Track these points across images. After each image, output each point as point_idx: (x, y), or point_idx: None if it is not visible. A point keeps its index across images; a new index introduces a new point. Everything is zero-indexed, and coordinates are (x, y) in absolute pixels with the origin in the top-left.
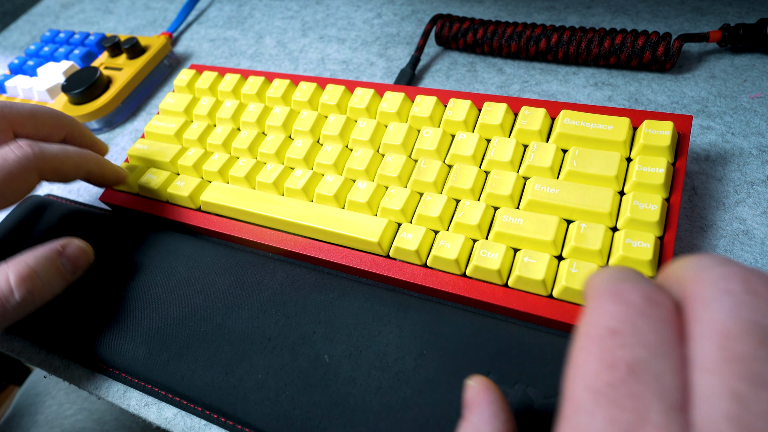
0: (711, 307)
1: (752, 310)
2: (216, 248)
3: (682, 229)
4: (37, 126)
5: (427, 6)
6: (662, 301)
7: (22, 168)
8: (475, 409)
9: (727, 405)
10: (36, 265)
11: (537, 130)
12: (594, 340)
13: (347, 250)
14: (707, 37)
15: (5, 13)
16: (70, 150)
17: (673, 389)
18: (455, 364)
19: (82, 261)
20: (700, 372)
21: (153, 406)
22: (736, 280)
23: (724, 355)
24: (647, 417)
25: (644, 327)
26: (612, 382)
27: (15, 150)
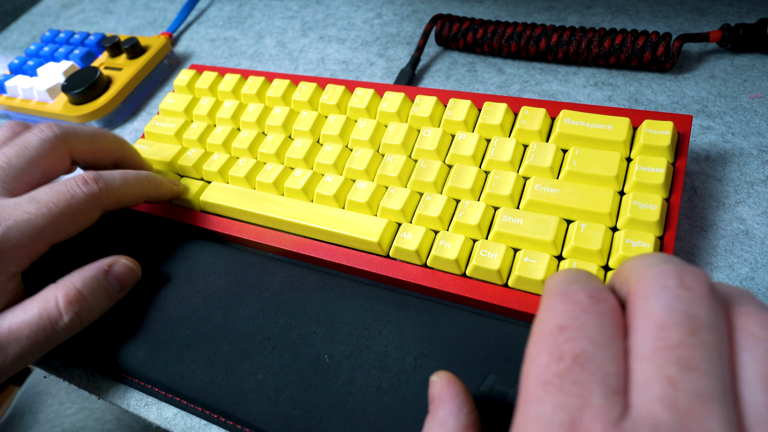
0: (649, 301)
1: (685, 303)
2: (216, 248)
3: (682, 229)
4: (94, 152)
5: (427, 6)
6: (605, 299)
7: (89, 205)
8: (439, 404)
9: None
10: (83, 287)
11: (537, 130)
12: (545, 336)
13: (347, 250)
14: (707, 37)
15: (5, 13)
16: (130, 179)
17: (613, 376)
18: (455, 364)
19: (129, 280)
20: (639, 360)
21: (153, 406)
22: (671, 276)
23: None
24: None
25: (588, 322)
26: (559, 372)
27: (83, 186)
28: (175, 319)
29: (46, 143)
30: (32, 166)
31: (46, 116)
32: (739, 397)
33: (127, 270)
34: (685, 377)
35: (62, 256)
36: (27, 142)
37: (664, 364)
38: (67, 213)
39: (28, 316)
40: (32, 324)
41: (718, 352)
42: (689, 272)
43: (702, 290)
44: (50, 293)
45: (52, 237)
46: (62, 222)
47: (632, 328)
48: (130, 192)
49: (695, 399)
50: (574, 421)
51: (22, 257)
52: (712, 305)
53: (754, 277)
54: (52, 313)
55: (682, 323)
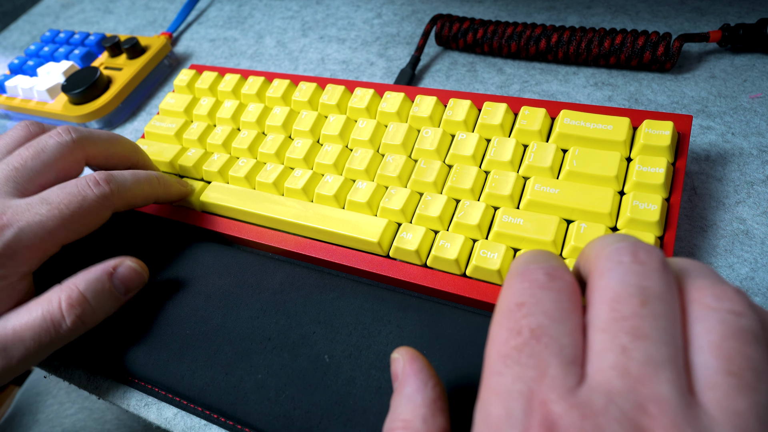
0: (605, 276)
1: (637, 276)
2: (216, 248)
3: (682, 229)
4: (109, 157)
5: (427, 6)
6: (561, 277)
7: (100, 206)
8: (405, 381)
9: (614, 356)
10: (86, 290)
11: (537, 130)
12: (504, 314)
13: (347, 250)
14: (707, 37)
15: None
16: (141, 179)
17: (569, 347)
18: (455, 363)
19: (135, 282)
20: (595, 331)
21: (153, 406)
22: (626, 252)
23: (613, 315)
24: (546, 372)
25: (545, 298)
26: (517, 345)
27: (94, 187)
28: (175, 319)
29: (63, 147)
30: (47, 168)
31: (46, 116)
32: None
33: (132, 272)
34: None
35: (66, 257)
36: (44, 144)
37: (617, 334)
38: (78, 214)
39: (31, 318)
40: (36, 326)
41: (669, 321)
42: (643, 249)
43: (654, 264)
44: (54, 295)
45: (63, 238)
46: (73, 223)
47: (590, 302)
48: (141, 193)
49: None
50: (532, 391)
51: (33, 258)
52: (663, 278)
53: (754, 277)
54: (55, 315)
55: (634, 295)
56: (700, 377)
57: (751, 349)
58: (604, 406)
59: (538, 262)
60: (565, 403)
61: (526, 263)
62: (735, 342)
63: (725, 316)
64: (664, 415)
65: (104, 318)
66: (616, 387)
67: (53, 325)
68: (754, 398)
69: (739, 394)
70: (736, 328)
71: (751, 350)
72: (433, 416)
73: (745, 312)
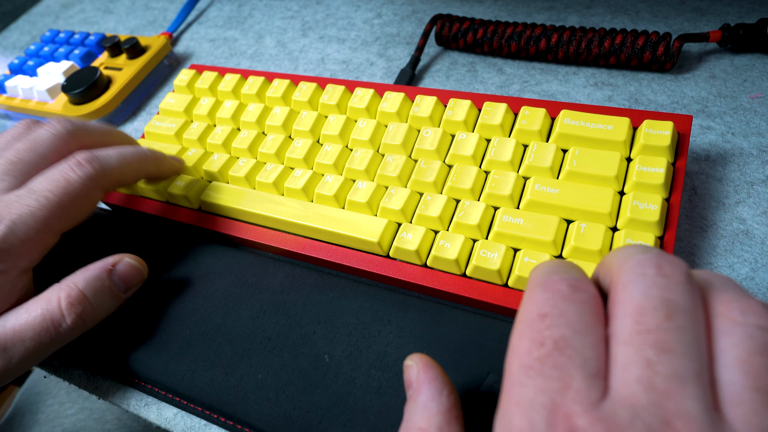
0: (628, 289)
1: (662, 289)
2: (216, 248)
3: (682, 229)
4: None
5: (427, 6)
6: (585, 288)
7: (87, 188)
8: (419, 389)
9: (639, 370)
10: (86, 288)
11: (537, 130)
12: (527, 324)
13: (347, 250)
14: (707, 37)
15: (5, 13)
16: (128, 155)
17: (592, 360)
18: (455, 364)
19: (134, 279)
20: (619, 344)
21: (153, 406)
22: (650, 265)
23: (637, 328)
24: (570, 384)
25: (568, 310)
26: (540, 357)
27: (77, 169)
28: (175, 319)
29: (57, 138)
30: (42, 160)
31: (46, 116)
32: (716, 379)
33: (131, 269)
34: (662, 359)
35: (66, 257)
36: (38, 137)
37: (642, 347)
38: (65, 200)
39: (31, 317)
40: (36, 325)
41: (694, 335)
42: (667, 261)
43: (679, 277)
44: (53, 294)
45: (58, 226)
46: (63, 209)
47: (613, 314)
48: (129, 170)
49: (672, 380)
50: (555, 403)
51: (33, 251)
52: (688, 291)
53: (754, 277)
54: (54, 314)
55: (659, 308)
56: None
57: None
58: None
59: (560, 273)
60: (589, 417)
61: (548, 273)
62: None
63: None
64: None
65: (105, 316)
66: (641, 401)
67: (53, 325)
68: None
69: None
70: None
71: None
72: (448, 425)
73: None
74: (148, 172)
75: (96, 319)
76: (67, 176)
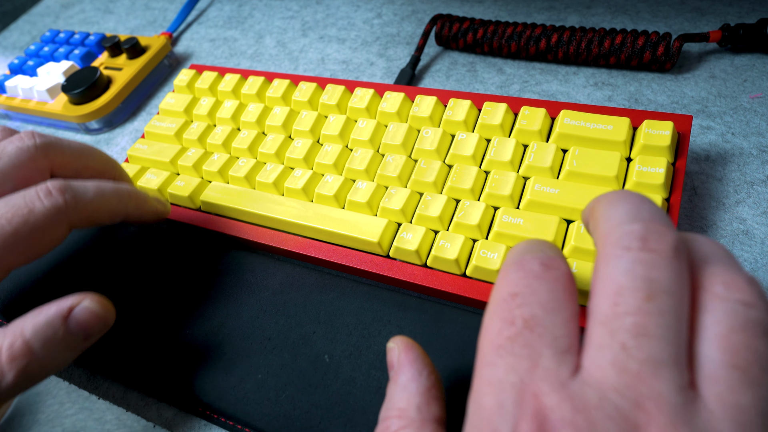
0: (610, 265)
1: (645, 267)
2: (216, 248)
3: (682, 229)
4: (79, 170)
5: (427, 6)
6: (557, 266)
7: (51, 221)
8: (400, 370)
9: (612, 353)
10: (33, 337)
11: (537, 130)
12: (498, 304)
13: (347, 250)
14: (707, 37)
15: (5, 13)
16: (107, 191)
17: (563, 338)
18: (455, 363)
19: (95, 327)
20: (596, 324)
21: (153, 406)
22: (635, 237)
23: (615, 310)
24: (539, 362)
25: (539, 288)
26: (510, 336)
27: (45, 199)
28: (174, 319)
29: (23, 153)
30: (3, 178)
31: (46, 116)
32: (696, 356)
33: (90, 316)
34: (638, 343)
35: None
36: (2, 149)
37: (618, 331)
38: (22, 231)
39: None
40: None
41: (675, 317)
42: (654, 233)
43: (666, 252)
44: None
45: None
46: (16, 242)
47: (593, 290)
48: (105, 207)
49: (646, 364)
50: (524, 382)
51: None
52: (674, 268)
53: (754, 277)
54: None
55: (640, 288)
56: (703, 370)
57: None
58: (597, 401)
59: (534, 252)
60: (557, 395)
61: (522, 253)
62: (743, 335)
63: (735, 307)
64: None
65: (59, 369)
66: (612, 383)
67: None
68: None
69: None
70: (744, 320)
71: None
72: (427, 405)
73: (755, 303)
74: (127, 214)
75: (45, 373)
76: (31, 204)
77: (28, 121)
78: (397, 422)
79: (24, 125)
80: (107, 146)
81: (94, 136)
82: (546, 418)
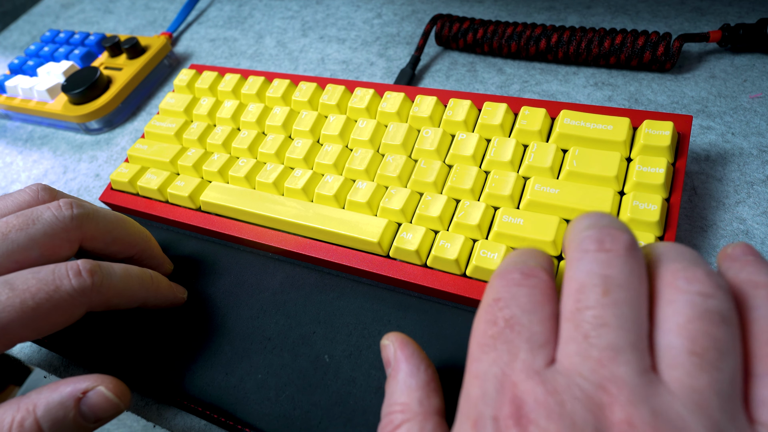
0: (572, 267)
1: (601, 266)
2: (216, 248)
3: (682, 229)
4: (109, 243)
5: (427, 6)
6: (536, 274)
7: (74, 302)
8: (397, 366)
9: (577, 344)
10: (44, 417)
11: (537, 130)
12: (484, 308)
13: (347, 250)
14: (707, 37)
15: (5, 13)
16: (133, 277)
17: (539, 334)
18: (455, 364)
19: (108, 412)
20: (564, 321)
21: (153, 406)
22: (592, 241)
23: (577, 306)
24: (518, 355)
25: (519, 293)
26: (493, 335)
27: (73, 278)
28: (174, 319)
29: (58, 223)
30: (32, 244)
31: (46, 116)
32: (657, 345)
33: (104, 402)
34: (599, 333)
35: None
36: (37, 216)
37: (581, 324)
38: (44, 308)
39: None
40: None
41: (631, 307)
42: (609, 235)
43: (620, 251)
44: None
45: (17, 336)
46: (35, 319)
47: (562, 292)
48: (127, 294)
49: (606, 350)
50: (504, 373)
51: None
52: (628, 264)
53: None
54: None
55: (597, 285)
56: (664, 357)
57: (717, 329)
58: (566, 384)
59: (517, 263)
60: (531, 382)
61: (506, 265)
62: (701, 323)
63: (694, 298)
64: (621, 393)
65: None
66: (579, 369)
67: None
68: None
69: (701, 372)
70: (702, 309)
71: (717, 330)
72: (428, 398)
73: (713, 293)
74: (146, 300)
75: None
76: (59, 282)
77: (28, 121)
78: (400, 416)
79: (24, 125)
80: (107, 146)
81: (94, 136)
82: (522, 401)
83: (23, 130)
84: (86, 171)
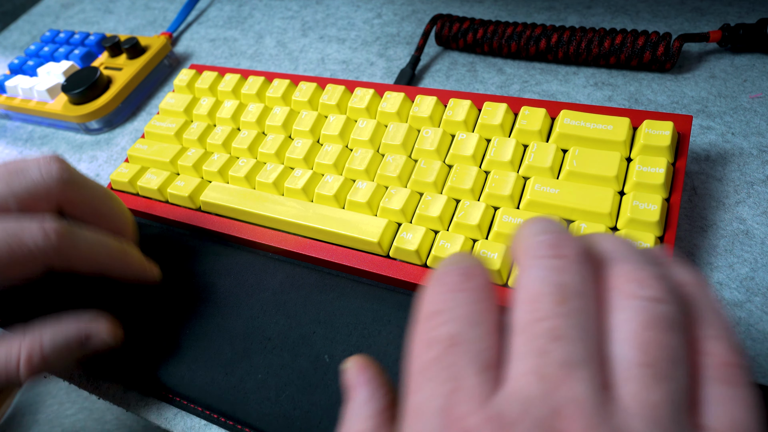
0: (525, 274)
1: (555, 273)
2: (216, 248)
3: (682, 229)
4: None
5: (427, 6)
6: (478, 274)
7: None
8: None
9: (531, 360)
10: (51, 353)
11: (537, 130)
12: (421, 323)
13: (347, 250)
14: (707, 37)
15: (5, 13)
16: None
17: (485, 351)
18: None
19: (102, 351)
20: (516, 334)
21: (153, 406)
22: (546, 247)
23: (531, 317)
24: (462, 383)
25: (459, 302)
26: (432, 358)
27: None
28: (174, 319)
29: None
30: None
31: (46, 116)
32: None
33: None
34: (554, 347)
35: None
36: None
37: (535, 337)
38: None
39: None
40: None
41: (586, 317)
42: (563, 240)
43: (574, 256)
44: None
45: None
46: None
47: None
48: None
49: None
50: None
51: None
52: (582, 270)
53: (754, 277)
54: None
55: (552, 293)
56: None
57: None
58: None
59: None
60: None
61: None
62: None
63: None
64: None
65: None
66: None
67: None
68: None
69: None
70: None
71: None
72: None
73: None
74: (110, 271)
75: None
76: (22, 235)
77: (28, 121)
78: None
79: (24, 125)
80: (107, 146)
81: (94, 136)
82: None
83: (23, 130)
84: (86, 171)
